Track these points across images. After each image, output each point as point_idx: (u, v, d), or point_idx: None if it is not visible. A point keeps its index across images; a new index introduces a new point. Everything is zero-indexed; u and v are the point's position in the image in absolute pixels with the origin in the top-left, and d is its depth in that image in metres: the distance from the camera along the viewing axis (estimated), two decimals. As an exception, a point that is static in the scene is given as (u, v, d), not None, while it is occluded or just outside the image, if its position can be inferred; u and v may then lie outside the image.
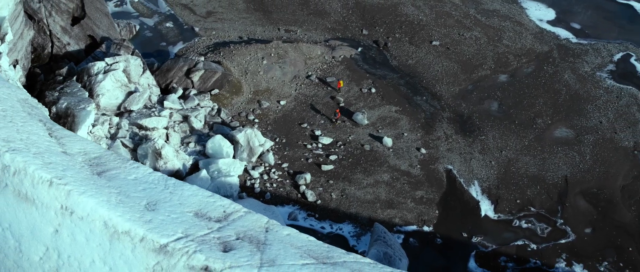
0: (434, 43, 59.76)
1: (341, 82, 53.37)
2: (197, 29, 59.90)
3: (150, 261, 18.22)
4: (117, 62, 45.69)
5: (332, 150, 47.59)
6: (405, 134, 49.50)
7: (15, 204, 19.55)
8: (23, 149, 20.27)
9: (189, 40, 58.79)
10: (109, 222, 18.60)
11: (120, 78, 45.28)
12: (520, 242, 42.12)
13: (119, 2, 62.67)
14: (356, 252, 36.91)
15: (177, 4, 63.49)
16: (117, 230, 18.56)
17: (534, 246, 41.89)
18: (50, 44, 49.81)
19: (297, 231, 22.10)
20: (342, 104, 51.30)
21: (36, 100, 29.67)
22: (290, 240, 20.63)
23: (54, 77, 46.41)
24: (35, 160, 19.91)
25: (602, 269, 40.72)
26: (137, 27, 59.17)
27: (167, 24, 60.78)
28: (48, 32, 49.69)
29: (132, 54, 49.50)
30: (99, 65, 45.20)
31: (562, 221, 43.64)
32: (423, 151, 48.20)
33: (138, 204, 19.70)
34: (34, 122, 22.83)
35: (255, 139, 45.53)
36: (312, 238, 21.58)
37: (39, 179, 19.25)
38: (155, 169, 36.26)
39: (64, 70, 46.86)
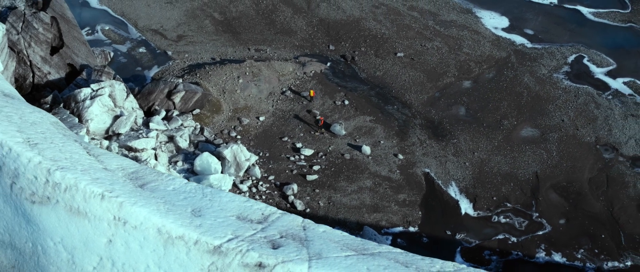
0: (398, 55, 61.64)
1: (312, 91, 54.90)
2: (170, 53, 60.71)
3: (205, 262, 19.32)
4: (102, 88, 46.30)
5: (315, 161, 48.87)
6: (382, 142, 51.07)
7: (67, 218, 20.42)
8: (70, 167, 21.23)
9: (163, 64, 59.58)
10: (162, 229, 19.66)
11: (107, 103, 45.89)
12: (501, 236, 43.95)
13: (90, 31, 63.07)
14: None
15: (147, 29, 64.18)
16: (171, 235, 19.63)
17: (514, 239, 43.77)
18: (31, 74, 50.06)
19: (330, 227, 23.48)
20: (319, 117, 52.63)
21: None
22: (327, 236, 21.95)
23: (40, 106, 46.71)
24: (84, 176, 20.89)
25: (579, 256, 42.77)
26: (112, 54, 59.73)
27: (140, 49, 61.44)
28: (28, 63, 49.95)
29: (113, 80, 50.07)
30: (85, 91, 45.73)
31: (537, 214, 45.65)
32: (400, 156, 49.81)
33: (185, 211, 20.81)
34: (71, 142, 23.74)
35: (241, 154, 46.55)
36: (345, 233, 23.01)
37: (90, 193, 20.22)
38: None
39: (49, 98, 47.19)
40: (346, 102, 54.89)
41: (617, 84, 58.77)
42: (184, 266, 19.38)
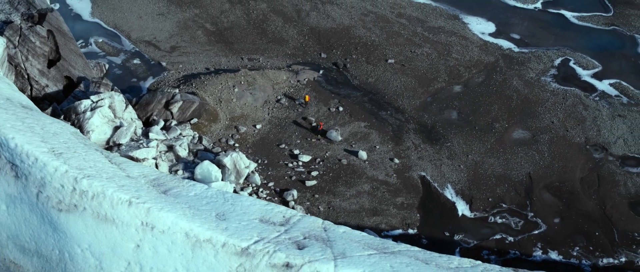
0: (389, 61, 62.31)
1: (307, 96, 55.55)
2: (164, 64, 61.01)
3: (233, 264, 19.76)
4: (102, 99, 46.51)
5: (312, 167, 49.36)
6: (378, 147, 51.66)
7: (95, 225, 20.79)
8: (96, 175, 21.62)
9: (158, 75, 59.87)
10: (190, 232, 20.10)
11: (107, 114, 46.10)
12: (498, 236, 44.64)
13: (84, 43, 63.20)
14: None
15: (141, 41, 64.44)
16: (199, 239, 20.07)
17: (511, 239, 44.47)
18: (29, 87, 50.19)
19: (350, 228, 24.01)
20: (314, 124, 53.11)
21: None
22: (348, 236, 22.46)
23: (40, 118, 46.77)
24: (111, 184, 21.29)
25: (575, 253, 43.54)
26: (107, 66, 59.91)
27: (134, 61, 61.68)
28: (26, 76, 50.08)
29: (111, 91, 50.33)
30: (85, 103, 45.93)
31: (532, 213, 46.41)
32: (396, 160, 50.41)
33: (210, 216, 21.25)
34: (92, 151, 24.09)
35: (240, 161, 46.93)
36: (364, 233, 23.55)
37: (118, 200, 20.62)
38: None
39: (49, 110, 47.34)
40: (340, 108, 55.44)
41: (604, 85, 59.81)
42: (212, 268, 19.80)
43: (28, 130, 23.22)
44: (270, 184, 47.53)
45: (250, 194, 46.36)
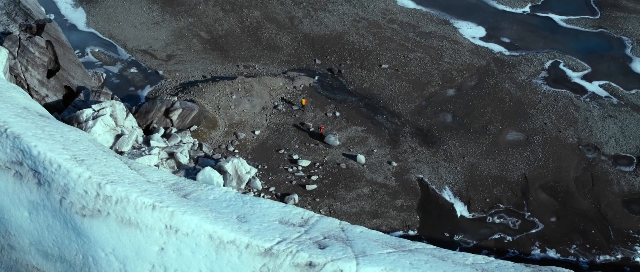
0: (383, 66, 62.90)
1: (304, 100, 56.08)
2: (161, 72, 61.29)
3: (257, 264, 20.15)
4: (103, 108, 46.75)
5: (312, 171, 49.79)
6: (375, 151, 52.17)
7: (119, 229, 21.12)
8: (118, 180, 21.96)
9: (155, 83, 60.13)
10: (214, 234, 20.47)
11: (109, 122, 46.34)
12: (497, 236, 45.23)
13: (80, 53, 63.36)
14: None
15: (137, 50, 64.69)
16: (223, 240, 20.44)
17: (509, 238, 45.07)
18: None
19: (366, 228, 24.45)
20: (312, 129, 53.59)
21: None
22: (365, 235, 22.92)
23: (42, 128, 46.92)
24: (134, 189, 21.63)
25: (572, 251, 44.19)
26: (104, 75, 60.12)
27: (131, 70, 61.92)
28: (26, 86, 50.21)
29: (111, 99, 50.56)
30: (87, 112, 46.15)
31: (529, 213, 47.04)
32: (394, 164, 50.92)
33: (231, 218, 21.63)
34: (111, 157, 24.42)
35: (241, 167, 47.29)
36: (380, 233, 23.96)
37: (142, 204, 20.97)
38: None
39: (50, 120, 47.46)
40: (337, 113, 55.93)
41: (594, 87, 60.66)
42: (236, 269, 20.17)
43: (49, 138, 23.52)
44: (271, 188, 47.90)
45: (252, 199, 46.64)
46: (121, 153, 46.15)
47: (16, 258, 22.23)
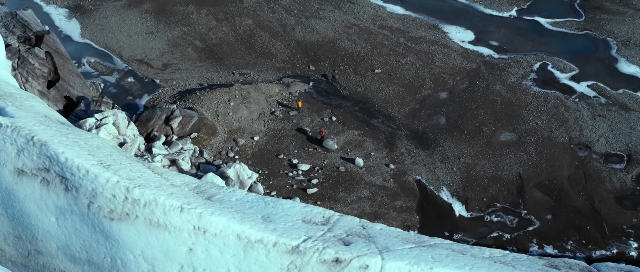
0: (376, 71, 63.59)
1: (300, 102, 56.76)
2: (158, 81, 61.61)
3: (284, 262, 20.65)
4: (106, 117, 47.05)
5: (312, 175, 50.28)
6: (373, 154, 52.77)
7: (147, 232, 21.53)
8: (145, 184, 22.39)
9: (153, 92, 60.43)
10: (242, 234, 20.95)
11: (112, 131, 46.63)
12: (495, 234, 45.92)
13: (77, 64, 63.49)
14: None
15: (133, 59, 64.98)
16: (251, 240, 20.92)
17: (507, 236, 45.77)
18: (31, 108, 50.42)
19: (385, 225, 24.95)
20: (310, 133, 54.12)
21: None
22: (385, 232, 23.46)
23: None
24: (161, 192, 22.07)
25: (569, 247, 44.96)
26: (102, 85, 60.34)
27: (129, 79, 62.20)
28: (27, 97, 50.33)
29: (112, 109, 50.84)
30: (90, 121, 46.41)
31: (525, 211, 47.79)
32: (392, 166, 51.55)
33: (256, 218, 22.12)
34: (135, 162, 24.83)
35: (243, 172, 47.70)
36: (399, 229, 24.47)
37: (170, 206, 21.41)
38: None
39: (53, 130, 47.63)
40: (333, 118, 56.50)
41: (582, 87, 61.65)
42: (265, 267, 20.64)
43: (74, 144, 23.86)
44: (273, 193, 48.34)
45: (254, 204, 47.04)
46: (124, 161, 46.36)
47: (43, 263, 22.57)
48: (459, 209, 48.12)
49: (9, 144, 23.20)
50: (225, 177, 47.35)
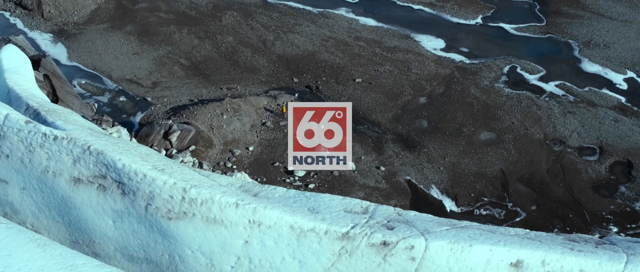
0: (357, 80, 65.38)
1: (284, 108, 58.27)
2: (149, 99, 62.45)
3: (335, 247, 22.10)
4: (111, 134, 47.80)
5: (308, 180, 51.72)
6: (363, 157, 54.41)
7: (204, 228, 22.80)
8: (199, 185, 23.62)
9: (146, 110, 61.25)
10: (294, 225, 22.34)
11: (117, 147, 47.40)
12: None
13: (68, 86, 63.99)
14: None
15: (122, 79, 65.71)
16: (303, 229, 22.34)
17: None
18: (33, 129, 50.94)
19: (417, 212, 26.55)
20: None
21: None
22: (419, 218, 25.03)
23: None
24: (215, 191, 23.32)
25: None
26: (96, 106, 60.97)
27: (120, 99, 62.91)
28: (28, 119, 50.85)
29: (113, 126, 51.61)
30: (95, 138, 47.11)
31: (511, 204, 49.89)
32: (382, 168, 53.25)
33: (304, 210, 23.53)
34: (182, 166, 26.03)
35: (246, 180, 48.87)
36: (430, 215, 26.12)
37: (226, 203, 22.71)
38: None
39: (58, 149, 48.22)
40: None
41: (551, 87, 64.26)
42: (317, 253, 22.02)
43: (126, 152, 24.92)
44: (274, 199, 49.55)
45: (257, 210, 48.23)
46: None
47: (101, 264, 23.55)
48: (449, 204, 50.00)
49: (64, 154, 24.15)
50: (227, 186, 48.46)
